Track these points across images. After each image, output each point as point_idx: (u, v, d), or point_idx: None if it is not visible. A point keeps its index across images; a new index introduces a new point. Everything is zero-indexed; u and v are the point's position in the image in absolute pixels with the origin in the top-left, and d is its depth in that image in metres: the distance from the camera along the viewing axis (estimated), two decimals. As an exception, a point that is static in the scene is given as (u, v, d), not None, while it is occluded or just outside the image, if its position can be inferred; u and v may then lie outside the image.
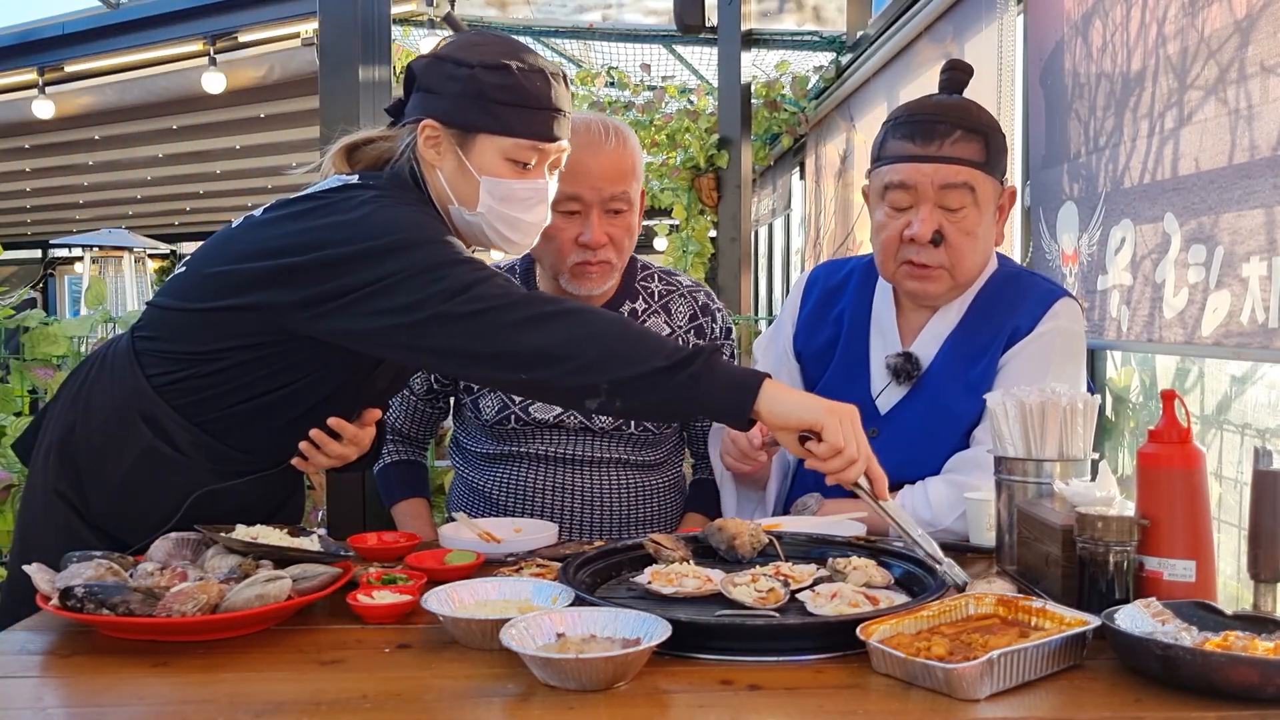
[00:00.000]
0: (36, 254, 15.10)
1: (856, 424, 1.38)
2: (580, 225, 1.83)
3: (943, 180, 1.70)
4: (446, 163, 1.57)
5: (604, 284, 1.90)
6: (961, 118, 1.74)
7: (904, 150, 1.74)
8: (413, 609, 1.31)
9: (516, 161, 1.56)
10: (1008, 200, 1.80)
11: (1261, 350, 1.84)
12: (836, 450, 1.36)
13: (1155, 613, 1.11)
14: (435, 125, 1.56)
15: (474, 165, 1.56)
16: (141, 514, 1.53)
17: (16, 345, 3.35)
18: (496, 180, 1.56)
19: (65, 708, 1.07)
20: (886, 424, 1.80)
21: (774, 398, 1.37)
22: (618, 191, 1.83)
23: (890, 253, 1.77)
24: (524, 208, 1.58)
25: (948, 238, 1.72)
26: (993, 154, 1.75)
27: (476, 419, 1.96)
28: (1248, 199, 1.89)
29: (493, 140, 1.55)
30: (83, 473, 1.55)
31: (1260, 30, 1.86)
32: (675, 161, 5.99)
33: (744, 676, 1.09)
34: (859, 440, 1.37)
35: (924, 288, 1.77)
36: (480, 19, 6.19)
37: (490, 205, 1.57)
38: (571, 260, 1.85)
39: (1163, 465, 1.23)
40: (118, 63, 6.52)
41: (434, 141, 1.57)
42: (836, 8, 5.86)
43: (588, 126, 1.85)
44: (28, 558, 1.38)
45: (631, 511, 1.96)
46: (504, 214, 1.58)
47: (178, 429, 1.52)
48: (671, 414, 1.70)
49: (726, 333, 2.04)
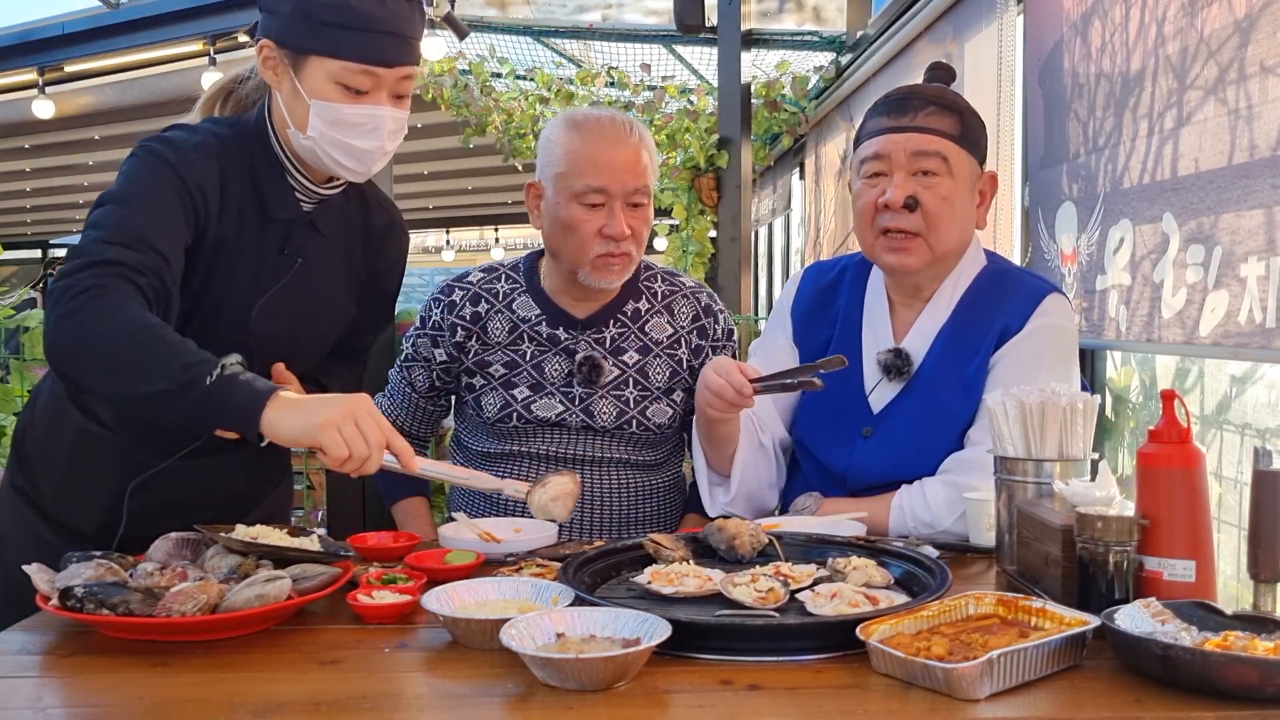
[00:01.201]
0: (36, 254, 15.11)
1: (361, 416, 1.34)
2: (604, 217, 1.84)
3: (915, 147, 1.73)
4: (284, 85, 1.53)
5: (624, 276, 1.91)
6: (935, 96, 1.78)
7: (879, 125, 1.78)
8: (413, 609, 1.31)
9: (349, 86, 1.49)
10: (989, 185, 1.81)
11: (1260, 350, 1.84)
12: (341, 460, 1.33)
13: (1155, 613, 1.11)
14: (270, 45, 1.52)
15: (305, 89, 1.50)
16: (87, 495, 1.56)
17: (16, 345, 3.36)
18: (325, 104, 1.50)
19: (65, 708, 1.07)
20: (880, 422, 1.80)
21: (276, 418, 1.32)
22: (640, 184, 1.85)
23: (868, 222, 1.79)
24: (357, 134, 1.52)
25: (922, 203, 1.73)
26: (968, 131, 1.77)
27: (478, 417, 1.97)
28: (1247, 199, 1.89)
29: (323, 63, 1.48)
30: (33, 463, 1.63)
31: (1260, 30, 1.86)
32: (675, 161, 5.99)
33: (744, 676, 1.09)
34: (366, 433, 1.33)
35: (902, 261, 1.77)
36: (480, 19, 6.19)
37: (321, 130, 1.51)
38: (595, 252, 1.86)
39: (1163, 465, 1.23)
40: (118, 63, 6.53)
41: (271, 63, 1.53)
42: (836, 8, 5.86)
43: (612, 121, 1.87)
44: (4, 556, 1.40)
45: (631, 511, 1.96)
46: (335, 139, 1.52)
47: (100, 404, 1.54)
48: (188, 429, 1.49)
49: (729, 334, 2.05)
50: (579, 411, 1.92)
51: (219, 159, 1.55)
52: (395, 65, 1.51)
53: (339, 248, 1.70)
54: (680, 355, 1.98)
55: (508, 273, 2.01)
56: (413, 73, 1.54)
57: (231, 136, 1.59)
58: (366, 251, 1.75)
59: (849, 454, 1.81)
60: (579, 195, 1.84)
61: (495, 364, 1.95)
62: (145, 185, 1.49)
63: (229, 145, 1.58)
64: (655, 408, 1.95)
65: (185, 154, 1.52)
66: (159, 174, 1.49)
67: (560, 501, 1.45)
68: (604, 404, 1.93)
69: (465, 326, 1.96)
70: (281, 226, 1.61)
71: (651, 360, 1.96)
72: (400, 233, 1.82)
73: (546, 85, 6.46)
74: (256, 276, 1.60)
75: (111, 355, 1.35)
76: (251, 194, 1.58)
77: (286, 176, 1.60)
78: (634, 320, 1.97)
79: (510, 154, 6.50)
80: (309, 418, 1.33)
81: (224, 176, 1.56)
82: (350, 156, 1.54)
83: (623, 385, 1.94)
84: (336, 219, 1.69)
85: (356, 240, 1.73)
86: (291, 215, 1.62)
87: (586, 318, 1.96)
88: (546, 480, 1.49)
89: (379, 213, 1.77)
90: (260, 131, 1.59)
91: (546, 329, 1.95)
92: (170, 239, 1.47)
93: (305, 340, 1.70)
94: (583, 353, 1.93)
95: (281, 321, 1.63)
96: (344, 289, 1.73)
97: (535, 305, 1.96)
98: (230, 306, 1.59)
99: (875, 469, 1.78)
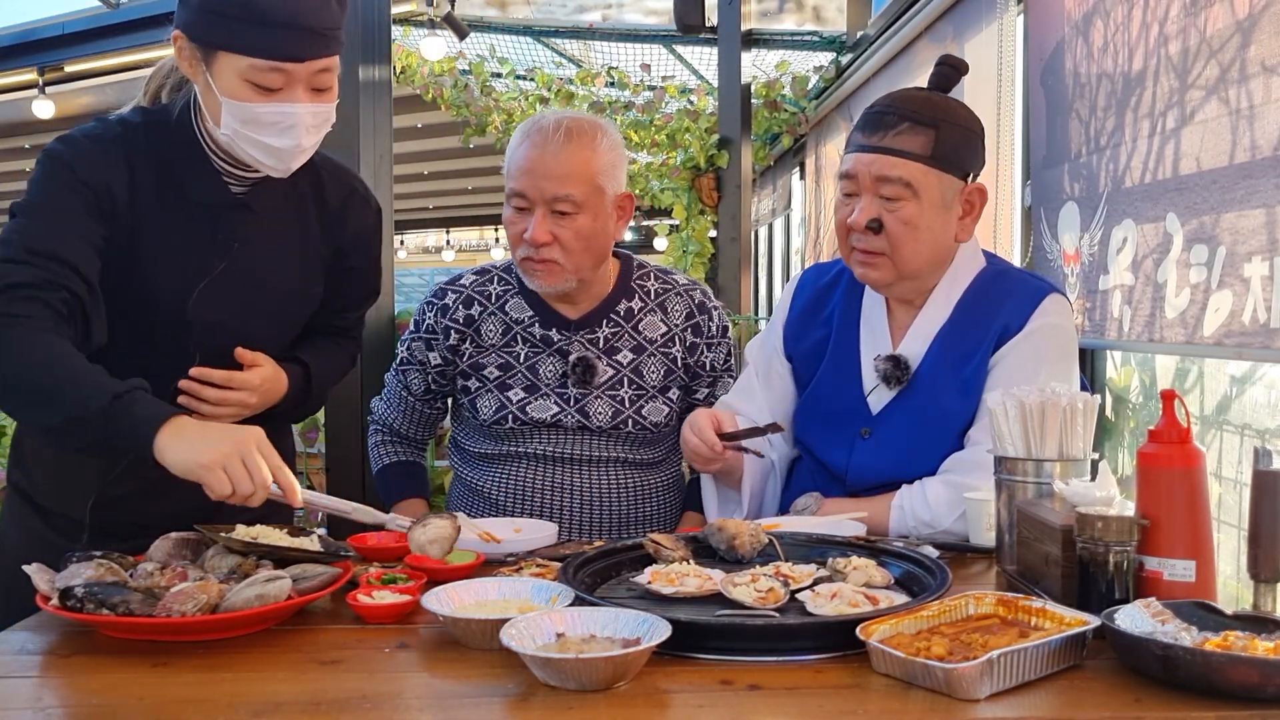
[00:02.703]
0: (37, 254, 15.08)
1: (249, 453, 1.32)
2: (527, 221, 1.84)
3: (878, 171, 1.72)
4: (199, 79, 1.50)
5: (553, 283, 1.87)
6: (914, 110, 1.72)
7: (855, 140, 1.78)
8: (413, 609, 1.31)
9: (259, 85, 1.44)
10: (977, 197, 1.77)
11: (1263, 350, 1.84)
12: (224, 496, 1.32)
13: (1155, 613, 1.11)
14: (182, 38, 1.49)
15: (217, 85, 1.46)
16: (78, 479, 1.56)
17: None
18: (235, 102, 1.45)
19: (65, 708, 1.07)
20: (879, 424, 1.80)
21: (166, 447, 1.32)
22: (560, 193, 1.81)
23: (841, 238, 1.81)
24: (272, 132, 1.48)
25: (886, 226, 1.73)
26: (944, 148, 1.71)
27: (474, 419, 1.97)
28: (1249, 199, 1.89)
29: (231, 59, 1.44)
30: (27, 457, 1.67)
31: (1262, 30, 1.86)
32: (675, 161, 6.00)
33: (744, 676, 1.09)
34: (252, 471, 1.32)
35: (868, 274, 1.79)
36: (480, 19, 6.20)
37: (235, 128, 1.48)
38: (519, 255, 1.88)
39: (1163, 465, 1.23)
40: (118, 63, 6.52)
41: (184, 55, 1.50)
42: (836, 8, 5.87)
43: (541, 124, 1.85)
44: (1, 557, 1.41)
45: (630, 510, 1.96)
46: (250, 137, 1.48)
47: None
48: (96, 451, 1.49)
49: (723, 331, 2.04)
50: (574, 412, 1.92)
51: (125, 148, 1.54)
52: (306, 59, 1.45)
53: (286, 228, 1.66)
54: (674, 353, 1.98)
55: (500, 274, 2.01)
56: (330, 64, 1.48)
57: (142, 125, 1.57)
58: (324, 227, 1.71)
59: (848, 454, 1.81)
60: (508, 197, 1.87)
61: (489, 366, 1.95)
62: (46, 194, 1.49)
63: (138, 134, 1.56)
64: (651, 406, 1.95)
65: (83, 151, 1.51)
66: (58, 178, 1.50)
67: (437, 544, 1.45)
68: (599, 404, 1.93)
69: (459, 329, 1.96)
70: (208, 211, 1.58)
71: (646, 359, 1.96)
72: (361, 202, 1.76)
73: (546, 85, 6.46)
74: (187, 263, 1.57)
75: (19, 392, 1.39)
76: (170, 181, 1.56)
77: (211, 162, 1.57)
78: (627, 319, 1.97)
79: (510, 154, 6.50)
80: (194, 454, 1.32)
81: (131, 166, 1.54)
82: (267, 154, 1.51)
83: (617, 385, 1.94)
84: (281, 199, 1.65)
85: (311, 216, 1.69)
86: (217, 199, 1.58)
87: (579, 318, 1.95)
88: (428, 521, 1.47)
89: (334, 185, 1.72)
90: (182, 118, 1.56)
91: (540, 330, 1.95)
92: (76, 243, 1.47)
93: (258, 325, 1.66)
94: (576, 353, 1.93)
95: (225, 308, 1.60)
96: (299, 268, 1.69)
97: (528, 307, 1.96)
98: (164, 297, 1.57)
99: (874, 469, 1.78)
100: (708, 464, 1.78)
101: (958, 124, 1.74)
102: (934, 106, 1.74)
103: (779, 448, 1.92)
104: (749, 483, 1.84)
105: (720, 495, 1.90)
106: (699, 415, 1.77)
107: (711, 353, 2.02)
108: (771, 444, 1.89)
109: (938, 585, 1.28)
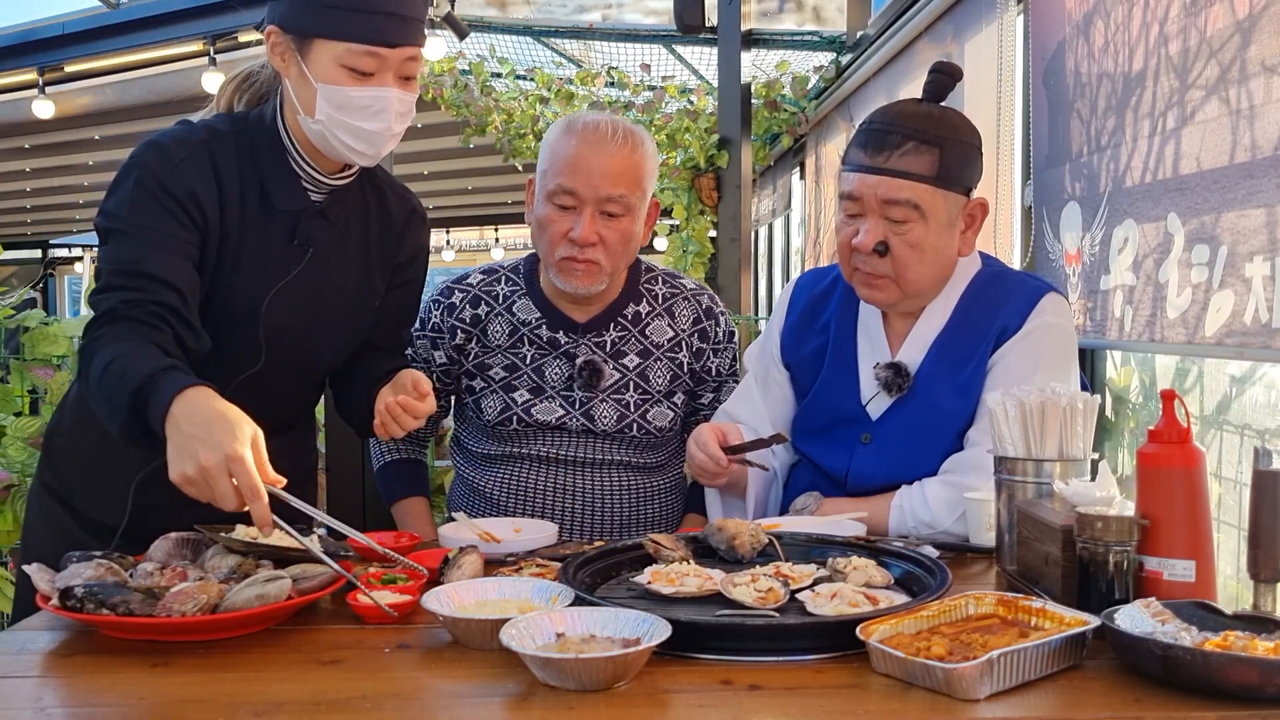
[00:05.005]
0: (36, 254, 15.11)
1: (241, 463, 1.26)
2: (573, 220, 1.83)
3: (885, 195, 1.69)
4: (291, 71, 1.55)
5: (590, 284, 1.87)
6: (917, 128, 1.70)
7: (857, 159, 1.74)
8: (413, 609, 1.31)
9: (354, 69, 1.51)
10: (978, 211, 1.77)
11: (1264, 350, 1.84)
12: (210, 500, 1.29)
13: (1155, 613, 1.11)
14: (276, 31, 1.54)
15: (312, 73, 1.52)
16: (113, 491, 1.56)
17: (16, 345, 3.36)
18: (333, 87, 1.51)
19: (65, 708, 1.07)
20: (879, 429, 1.80)
21: (171, 429, 1.30)
22: (614, 194, 1.82)
23: (844, 258, 1.79)
24: (365, 116, 1.53)
25: (892, 249, 1.71)
26: (949, 167, 1.70)
27: (478, 419, 1.96)
28: (1250, 199, 1.88)
29: (328, 46, 1.50)
30: (61, 460, 1.69)
31: (1262, 30, 1.86)
32: (675, 161, 5.99)
33: (744, 676, 1.09)
34: (242, 476, 1.26)
35: (872, 295, 1.78)
36: (480, 19, 6.19)
37: (329, 113, 1.53)
38: (559, 254, 1.85)
39: (1163, 465, 1.23)
40: (118, 63, 6.52)
41: (279, 49, 1.55)
42: (836, 8, 5.86)
43: (597, 124, 1.85)
44: (28, 556, 1.40)
45: (632, 513, 1.96)
46: (343, 122, 1.53)
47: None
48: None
49: (729, 337, 2.04)
50: (579, 415, 1.92)
51: (213, 157, 1.57)
52: (399, 45, 1.52)
53: (355, 238, 1.71)
54: (681, 358, 1.98)
55: (508, 275, 2.00)
56: (417, 54, 1.56)
57: (230, 132, 1.61)
58: (388, 242, 1.76)
59: (848, 460, 1.81)
60: (552, 195, 1.84)
61: (495, 367, 1.95)
62: (134, 210, 1.51)
63: (225, 141, 1.59)
64: (656, 411, 1.95)
65: (173, 161, 1.54)
66: (146, 190, 1.51)
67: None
68: (604, 408, 1.92)
69: (465, 329, 1.96)
70: (288, 217, 1.62)
71: (652, 364, 1.96)
72: (421, 221, 1.83)
73: (546, 85, 6.46)
74: (264, 268, 1.61)
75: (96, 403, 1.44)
76: (254, 186, 1.60)
77: (293, 167, 1.61)
78: (634, 323, 1.97)
79: (510, 154, 6.50)
80: (181, 462, 1.28)
81: (219, 174, 1.57)
82: (358, 139, 1.55)
83: (623, 389, 1.94)
84: (352, 210, 1.70)
85: (376, 230, 1.74)
86: (298, 206, 1.63)
87: (587, 321, 1.95)
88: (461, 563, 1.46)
89: (398, 202, 1.79)
90: (269, 124, 1.61)
91: (547, 332, 1.94)
92: (165, 256, 1.50)
93: (323, 330, 1.70)
94: (583, 357, 1.93)
95: (294, 313, 1.64)
96: (363, 279, 1.73)
97: (535, 308, 1.96)
98: (241, 301, 1.60)
99: (875, 475, 1.78)
100: (714, 479, 1.78)
101: (960, 140, 1.72)
102: (936, 123, 1.72)
103: (779, 454, 1.92)
104: (754, 492, 1.84)
105: (725, 505, 1.89)
106: (704, 430, 1.77)
107: (718, 358, 2.02)
108: (774, 452, 1.88)
109: (938, 585, 1.28)
